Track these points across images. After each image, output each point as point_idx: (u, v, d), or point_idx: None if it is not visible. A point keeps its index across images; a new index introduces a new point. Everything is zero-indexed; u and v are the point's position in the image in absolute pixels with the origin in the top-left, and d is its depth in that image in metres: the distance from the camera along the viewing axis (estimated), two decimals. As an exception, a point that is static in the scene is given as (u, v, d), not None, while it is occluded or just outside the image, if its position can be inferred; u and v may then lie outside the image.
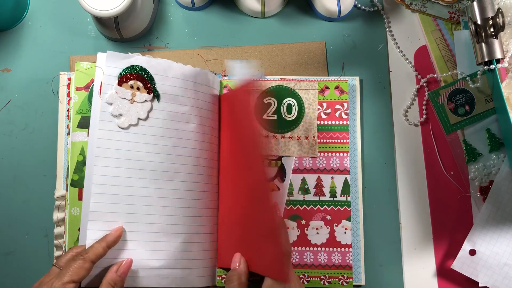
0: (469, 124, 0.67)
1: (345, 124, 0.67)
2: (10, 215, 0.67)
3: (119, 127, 0.60)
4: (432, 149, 0.69)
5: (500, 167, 0.65)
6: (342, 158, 0.67)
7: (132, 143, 0.61)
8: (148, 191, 0.61)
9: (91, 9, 0.62)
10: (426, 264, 0.67)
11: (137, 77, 0.61)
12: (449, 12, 0.70)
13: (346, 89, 0.68)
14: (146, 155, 0.61)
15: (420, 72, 0.70)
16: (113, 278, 0.56)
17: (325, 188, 0.66)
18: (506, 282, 0.63)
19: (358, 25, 0.72)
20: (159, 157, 0.61)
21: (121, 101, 0.61)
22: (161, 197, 0.61)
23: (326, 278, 0.65)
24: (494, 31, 0.62)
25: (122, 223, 0.60)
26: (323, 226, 0.66)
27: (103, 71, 0.61)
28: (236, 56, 0.71)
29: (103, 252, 0.57)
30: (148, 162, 0.61)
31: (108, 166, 0.60)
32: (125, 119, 0.61)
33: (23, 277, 0.66)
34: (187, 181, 0.62)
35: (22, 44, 0.71)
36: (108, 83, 0.61)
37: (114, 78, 0.61)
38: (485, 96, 0.66)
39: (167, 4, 0.73)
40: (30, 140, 0.69)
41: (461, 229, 0.66)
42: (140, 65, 0.62)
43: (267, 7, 0.71)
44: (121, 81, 0.61)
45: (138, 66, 0.62)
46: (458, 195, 0.68)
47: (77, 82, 0.64)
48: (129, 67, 0.61)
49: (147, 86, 0.62)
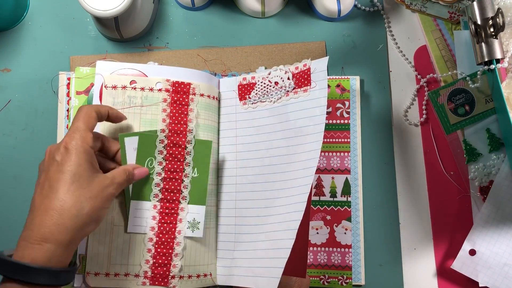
0: (469, 124, 0.67)
1: (346, 123, 0.67)
2: (10, 215, 0.67)
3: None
4: (432, 149, 0.69)
5: (500, 167, 0.65)
6: (343, 158, 0.67)
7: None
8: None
9: (91, 9, 0.62)
10: (426, 264, 0.67)
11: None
12: (449, 12, 0.70)
13: (347, 88, 0.68)
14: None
15: (420, 72, 0.71)
16: (129, 170, 0.56)
17: (325, 188, 0.66)
18: (506, 282, 0.63)
19: (358, 25, 0.72)
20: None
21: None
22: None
23: (325, 278, 0.65)
24: (494, 31, 0.62)
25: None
26: (323, 226, 0.65)
27: (104, 78, 0.62)
28: (236, 56, 0.71)
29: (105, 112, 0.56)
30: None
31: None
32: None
33: (23, 277, 0.66)
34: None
35: (22, 44, 0.71)
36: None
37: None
38: (485, 96, 0.66)
39: (167, 4, 0.73)
40: (30, 140, 0.69)
41: (461, 229, 0.66)
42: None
43: (267, 7, 0.71)
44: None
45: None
46: (458, 195, 0.68)
47: (77, 86, 0.65)
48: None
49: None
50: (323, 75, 0.61)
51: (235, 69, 0.70)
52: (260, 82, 0.65)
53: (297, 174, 0.58)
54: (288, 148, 0.61)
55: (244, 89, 0.65)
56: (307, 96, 0.61)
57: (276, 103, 0.63)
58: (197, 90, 0.63)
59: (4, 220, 0.67)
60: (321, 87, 0.60)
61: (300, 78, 0.62)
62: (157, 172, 0.60)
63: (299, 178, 0.58)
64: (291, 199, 0.57)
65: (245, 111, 0.65)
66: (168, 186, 0.60)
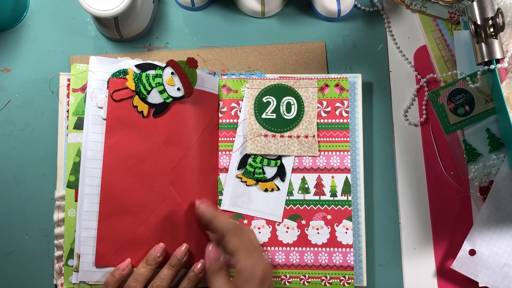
0: (469, 124, 0.67)
1: (345, 122, 0.67)
2: (10, 215, 0.67)
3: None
4: (432, 149, 0.69)
5: (500, 167, 0.65)
6: (342, 157, 0.67)
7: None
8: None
9: (91, 9, 0.62)
10: (426, 264, 0.67)
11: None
12: (449, 12, 0.70)
13: (346, 87, 0.68)
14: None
15: (420, 72, 0.71)
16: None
17: (326, 188, 0.66)
18: (506, 282, 0.63)
19: (358, 25, 0.72)
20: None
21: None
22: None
23: (327, 279, 0.64)
24: (494, 31, 0.62)
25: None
26: (324, 226, 0.65)
27: (94, 75, 0.62)
28: (236, 56, 0.71)
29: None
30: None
31: (100, 168, 0.61)
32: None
33: (23, 277, 0.66)
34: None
35: (22, 44, 0.71)
36: (98, 87, 0.62)
37: (103, 82, 0.62)
38: (485, 96, 0.66)
39: (167, 4, 0.73)
40: (30, 140, 0.69)
41: (461, 229, 0.66)
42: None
43: (267, 7, 0.71)
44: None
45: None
46: (458, 195, 0.68)
47: (73, 83, 0.65)
48: (118, 71, 0.62)
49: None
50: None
51: (234, 69, 0.70)
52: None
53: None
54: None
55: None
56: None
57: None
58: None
59: (4, 220, 0.67)
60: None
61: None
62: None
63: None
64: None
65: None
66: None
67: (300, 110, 0.67)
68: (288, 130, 0.67)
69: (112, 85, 0.62)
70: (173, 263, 0.59)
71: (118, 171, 0.61)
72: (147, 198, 0.61)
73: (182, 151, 0.63)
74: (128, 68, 0.62)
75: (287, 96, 0.67)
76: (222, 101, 0.68)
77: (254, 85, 0.67)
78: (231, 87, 0.68)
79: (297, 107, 0.67)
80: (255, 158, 0.66)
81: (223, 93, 0.68)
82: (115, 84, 0.62)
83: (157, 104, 0.62)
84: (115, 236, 0.61)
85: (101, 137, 0.61)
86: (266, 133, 0.67)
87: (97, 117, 0.62)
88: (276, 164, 0.66)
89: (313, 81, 0.67)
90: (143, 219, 0.61)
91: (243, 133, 0.67)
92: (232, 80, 0.68)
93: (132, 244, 0.61)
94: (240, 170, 0.66)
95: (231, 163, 0.66)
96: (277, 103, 0.67)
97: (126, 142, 0.62)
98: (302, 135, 0.67)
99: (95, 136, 0.62)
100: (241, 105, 0.67)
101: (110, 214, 0.61)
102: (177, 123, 0.63)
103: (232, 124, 0.67)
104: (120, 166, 0.61)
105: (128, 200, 0.61)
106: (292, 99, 0.67)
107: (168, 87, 0.62)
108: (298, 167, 0.66)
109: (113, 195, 0.61)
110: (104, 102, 0.62)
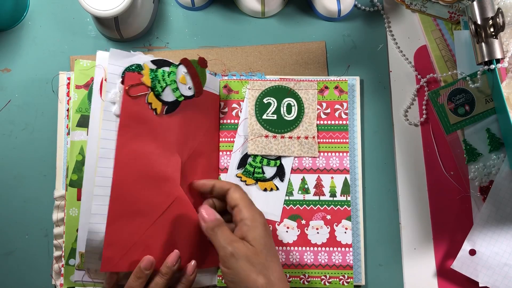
0: (469, 124, 0.67)
1: (344, 124, 0.67)
2: (10, 215, 0.67)
3: None
4: (432, 149, 0.69)
5: (500, 167, 0.65)
6: (341, 158, 0.67)
7: None
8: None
9: (91, 9, 0.62)
10: (426, 264, 0.67)
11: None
12: (449, 12, 0.70)
13: (345, 89, 0.68)
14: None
15: (420, 72, 0.71)
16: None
17: (325, 188, 0.66)
18: (506, 282, 0.63)
19: (358, 25, 0.72)
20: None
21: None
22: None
23: (326, 278, 0.65)
24: (494, 31, 0.62)
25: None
26: (323, 225, 0.65)
27: (105, 69, 0.59)
28: (236, 56, 0.71)
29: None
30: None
31: (111, 168, 0.57)
32: None
33: (23, 277, 0.66)
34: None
35: (22, 44, 0.71)
36: (111, 81, 0.58)
37: (117, 76, 0.58)
38: (485, 96, 0.66)
39: (167, 4, 0.73)
40: (30, 140, 0.69)
41: (461, 229, 0.66)
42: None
43: (267, 7, 0.71)
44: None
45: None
46: (458, 195, 0.68)
47: (77, 80, 0.64)
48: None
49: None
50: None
51: (235, 69, 0.70)
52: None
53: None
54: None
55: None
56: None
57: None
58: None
59: (4, 220, 0.67)
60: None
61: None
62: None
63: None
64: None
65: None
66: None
67: (300, 112, 0.67)
68: (288, 131, 0.67)
69: (128, 79, 0.58)
70: (164, 271, 0.57)
71: (130, 170, 0.57)
72: (158, 199, 0.58)
73: (187, 151, 0.62)
74: (144, 64, 0.59)
75: (287, 98, 0.67)
76: (223, 102, 0.68)
77: (255, 86, 0.67)
78: (232, 87, 0.68)
79: (297, 108, 0.67)
80: (254, 157, 0.66)
81: (224, 94, 0.68)
82: (131, 79, 0.58)
83: (169, 102, 0.60)
84: (123, 239, 0.56)
85: (113, 134, 0.57)
86: (266, 133, 0.67)
87: (109, 113, 0.58)
88: (276, 164, 0.66)
89: (313, 83, 0.68)
90: (153, 220, 0.58)
91: (244, 133, 0.67)
92: (233, 81, 0.68)
93: (140, 247, 0.57)
94: (240, 170, 0.66)
95: (231, 162, 0.67)
96: (277, 104, 0.67)
97: (139, 141, 0.58)
98: (302, 136, 0.67)
99: (107, 133, 0.57)
100: (242, 106, 0.67)
101: (120, 216, 0.56)
102: (185, 122, 0.62)
103: (233, 125, 0.67)
104: (132, 165, 0.57)
105: (138, 201, 0.57)
106: (292, 100, 0.67)
107: (181, 85, 0.61)
108: (298, 167, 0.67)
109: (124, 196, 0.56)
110: (117, 97, 0.58)
